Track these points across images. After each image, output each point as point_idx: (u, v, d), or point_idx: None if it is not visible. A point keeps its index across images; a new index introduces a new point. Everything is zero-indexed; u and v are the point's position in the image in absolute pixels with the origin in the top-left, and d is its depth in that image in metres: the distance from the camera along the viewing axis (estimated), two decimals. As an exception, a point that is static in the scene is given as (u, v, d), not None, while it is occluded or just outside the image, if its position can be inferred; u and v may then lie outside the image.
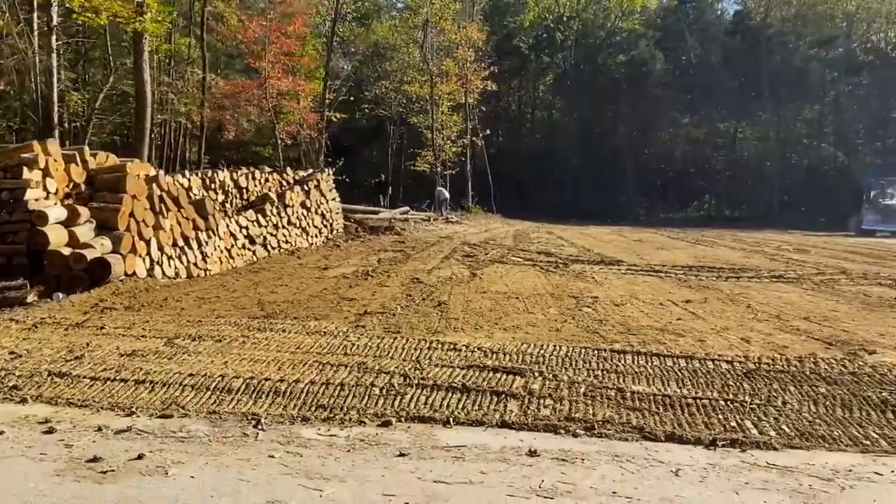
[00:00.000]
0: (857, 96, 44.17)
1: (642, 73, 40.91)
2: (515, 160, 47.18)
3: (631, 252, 15.05)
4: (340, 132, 43.35)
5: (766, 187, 42.66)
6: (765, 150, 43.26)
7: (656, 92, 41.58)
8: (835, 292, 8.97)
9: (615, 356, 4.96)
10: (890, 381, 4.47)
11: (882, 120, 44.01)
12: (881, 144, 44.62)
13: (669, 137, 44.55)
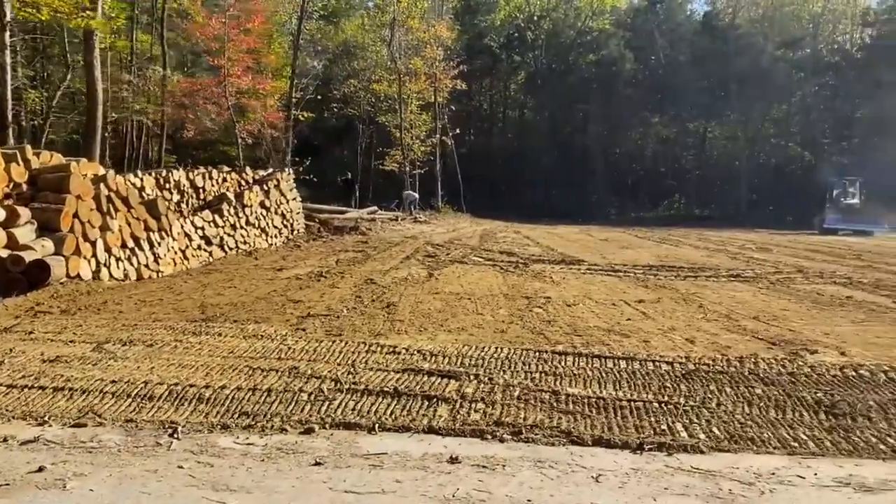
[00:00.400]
0: (823, 96, 44.85)
1: (612, 73, 41.14)
2: (487, 159, 47.22)
3: (595, 251, 15.07)
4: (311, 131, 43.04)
5: (734, 186, 43.17)
6: (733, 150, 43.79)
7: (626, 91, 41.84)
8: (788, 291, 9.02)
9: (556, 358, 4.90)
10: (826, 382, 4.46)
11: (847, 120, 44.76)
12: (846, 144, 45.40)
13: (639, 137, 44.87)
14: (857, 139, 44.58)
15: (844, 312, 7.32)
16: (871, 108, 44.06)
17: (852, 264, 13.44)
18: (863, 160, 41.86)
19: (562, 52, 43.49)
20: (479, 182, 47.30)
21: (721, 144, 45.70)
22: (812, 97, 44.13)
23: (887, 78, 42.62)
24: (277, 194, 13.27)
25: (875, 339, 5.85)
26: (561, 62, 44.12)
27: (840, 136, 45.65)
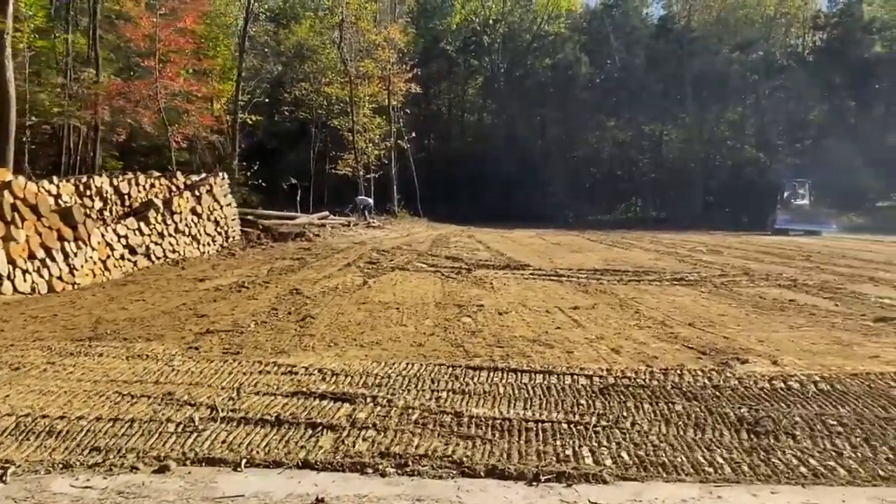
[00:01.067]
0: (777, 98, 45.52)
1: (568, 77, 41.18)
2: (447, 163, 46.94)
3: (544, 255, 14.79)
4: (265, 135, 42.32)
5: (690, 189, 43.51)
6: (689, 152, 44.16)
7: (583, 95, 41.92)
8: (731, 295, 8.80)
9: (469, 374, 4.53)
10: (752, 395, 4.16)
11: (800, 122, 45.55)
12: (800, 146, 46.17)
13: (596, 140, 45.00)
14: (809, 140, 45.38)
15: (784, 317, 7.09)
16: (823, 109, 44.94)
17: (800, 266, 13.37)
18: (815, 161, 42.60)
19: (518, 56, 43.41)
20: (438, 186, 46.97)
21: (677, 147, 46.06)
22: (766, 99, 44.77)
23: (837, 80, 43.53)
24: (210, 200, 12.70)
25: (810, 345, 5.60)
26: (517, 66, 44.04)
27: (794, 138, 46.42)
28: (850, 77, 42.49)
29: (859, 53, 42.84)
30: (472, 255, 14.49)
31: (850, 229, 35.34)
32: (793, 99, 44.76)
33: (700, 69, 41.40)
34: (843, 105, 43.47)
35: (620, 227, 36.61)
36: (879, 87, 42.75)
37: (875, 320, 6.84)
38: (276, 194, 36.65)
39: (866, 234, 30.81)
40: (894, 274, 11.91)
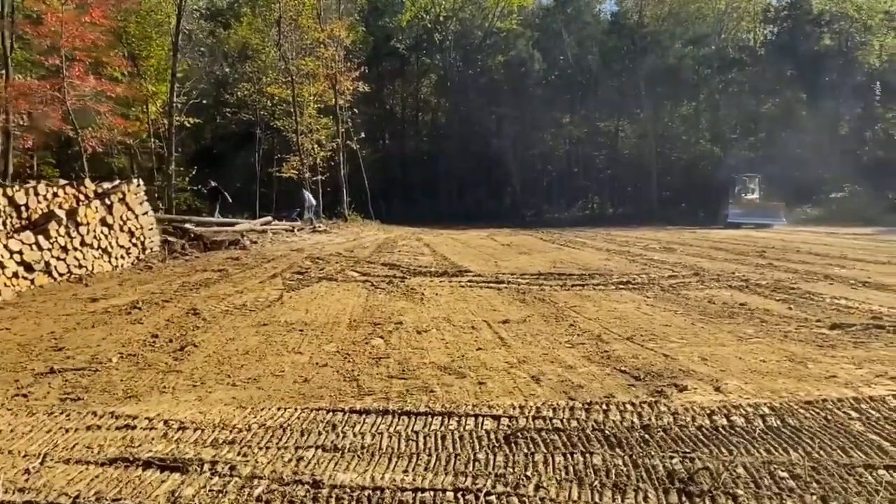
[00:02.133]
0: (730, 93, 45.58)
1: (522, 74, 40.61)
2: (402, 164, 46.11)
3: (490, 259, 14.05)
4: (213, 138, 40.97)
5: (647, 184, 43.34)
6: (644, 148, 43.98)
7: (537, 92, 41.39)
8: (678, 300, 8.14)
9: (350, 420, 3.72)
10: (688, 438, 3.43)
11: (753, 115, 45.68)
12: (753, 139, 46.34)
13: (552, 137, 44.53)
14: (763, 133, 45.55)
15: (732, 326, 6.42)
16: (775, 103, 45.16)
17: (754, 263, 12.85)
18: (769, 154, 42.82)
19: (471, 54, 42.71)
20: (394, 187, 46.09)
21: (632, 143, 45.86)
22: (719, 93, 44.80)
23: (788, 73, 43.78)
24: (123, 209, 11.65)
25: (760, 363, 4.91)
26: (470, 63, 43.34)
27: (747, 132, 46.60)
28: (800, 70, 42.77)
29: (809, 46, 43.14)
30: (413, 260, 13.68)
31: (804, 221, 35.53)
32: (745, 93, 44.90)
33: (653, 64, 41.21)
34: (794, 98, 43.74)
35: (577, 224, 36.24)
36: (829, 79, 43.12)
37: (831, 327, 6.21)
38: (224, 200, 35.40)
39: (820, 226, 30.92)
40: (849, 270, 11.46)
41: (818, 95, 43.23)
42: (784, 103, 44.20)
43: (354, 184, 34.52)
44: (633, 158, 45.40)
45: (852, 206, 39.21)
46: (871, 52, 41.84)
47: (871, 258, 13.75)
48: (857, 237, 22.37)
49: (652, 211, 40.84)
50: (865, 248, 17.12)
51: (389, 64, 43.29)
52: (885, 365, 4.75)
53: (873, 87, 43.21)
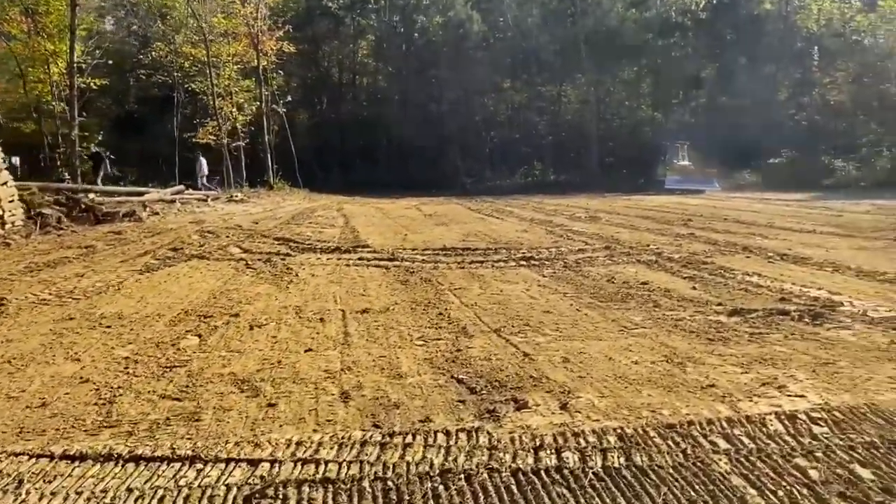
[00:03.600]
0: (672, 58, 44.99)
1: (460, 36, 39.22)
2: (340, 130, 44.46)
3: (399, 232, 13.08)
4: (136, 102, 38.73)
5: (589, 150, 42.65)
6: (586, 114, 43.22)
7: (476, 55, 40.10)
8: (576, 279, 7.32)
9: (48, 473, 2.74)
10: (492, 491, 2.55)
11: (694, 80, 45.28)
12: (694, 104, 46.07)
13: (493, 103, 43.38)
14: (703, 99, 45.28)
15: (621, 312, 5.60)
16: (716, 67, 44.83)
17: (675, 233, 12.19)
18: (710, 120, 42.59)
19: (407, 14, 41.05)
20: (331, 154, 44.50)
21: (574, 108, 45.02)
22: (661, 58, 44.19)
23: (728, 37, 43.42)
24: (-28, 180, 10.31)
25: (630, 366, 4.06)
26: (408, 25, 41.70)
27: (688, 97, 46.27)
28: (740, 34, 42.42)
29: (749, 10, 42.78)
30: (316, 233, 12.62)
31: (742, 187, 35.42)
32: (687, 57, 44.44)
33: (594, 27, 40.28)
34: (734, 62, 43.46)
35: (518, 192, 35.36)
36: (769, 44, 42.86)
37: (730, 313, 5.44)
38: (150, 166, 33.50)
39: (756, 192, 30.75)
40: (772, 240, 10.86)
41: (758, 60, 43.03)
42: (724, 68, 43.91)
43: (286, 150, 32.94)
44: (576, 124, 44.63)
45: (790, 172, 39.26)
46: (809, 16, 41.69)
47: (798, 227, 13.25)
48: (789, 203, 22.11)
49: (594, 177, 40.20)
50: (795, 214, 16.70)
51: (325, 24, 41.38)
52: (778, 367, 3.95)
53: (811, 51, 43.21)
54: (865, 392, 3.49)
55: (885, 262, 8.29)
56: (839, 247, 9.90)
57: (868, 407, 3.27)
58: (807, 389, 3.55)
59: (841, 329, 4.86)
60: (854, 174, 39.20)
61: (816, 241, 10.63)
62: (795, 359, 4.10)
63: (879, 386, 3.59)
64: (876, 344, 4.43)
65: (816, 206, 19.88)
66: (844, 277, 7.26)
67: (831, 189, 33.16)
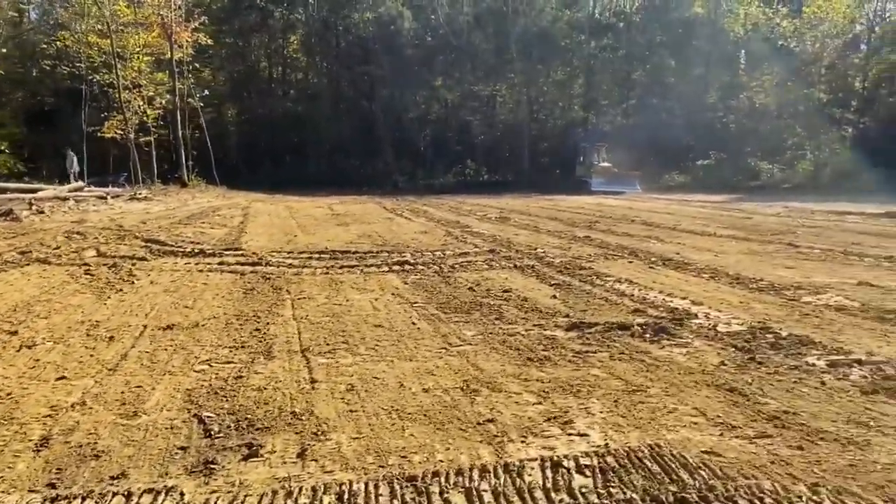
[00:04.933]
0: (603, 58, 45.24)
1: (392, 32, 38.49)
2: (270, 126, 43.25)
3: (290, 233, 12.40)
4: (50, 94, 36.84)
5: (522, 150, 42.50)
6: (519, 114, 43.05)
7: (408, 52, 39.42)
8: (438, 286, 6.84)
9: None
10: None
11: (625, 81, 45.66)
12: (626, 105, 46.41)
13: (425, 101, 42.80)
14: (634, 101, 45.67)
15: (459, 325, 5.12)
16: (646, 69, 45.26)
17: (574, 235, 11.86)
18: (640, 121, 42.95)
19: (337, 8, 40.09)
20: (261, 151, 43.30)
21: (508, 108, 44.83)
22: (592, 58, 44.38)
23: (658, 39, 43.87)
24: None
25: (416, 395, 3.54)
26: (338, 20, 40.75)
27: (619, 98, 46.61)
28: (671, 37, 42.89)
29: (680, 13, 43.30)
30: (198, 235, 11.84)
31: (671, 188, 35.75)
32: (618, 59, 44.76)
33: (525, 27, 40.09)
34: (664, 64, 43.96)
35: (449, 191, 34.95)
36: (698, 47, 43.47)
37: (569, 327, 4.99)
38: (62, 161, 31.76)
39: (682, 193, 30.94)
40: (666, 244, 10.58)
41: (688, 63, 43.62)
42: (655, 70, 44.38)
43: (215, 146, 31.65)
44: (510, 124, 44.45)
45: (718, 174, 39.95)
46: (736, 20, 42.42)
47: (701, 229, 13.06)
48: (706, 205, 22.16)
49: (525, 178, 40.10)
50: (706, 217, 16.63)
51: (250, 18, 40.05)
52: (579, 396, 3.48)
53: (738, 55, 44.00)
54: (658, 429, 3.04)
55: (768, 267, 8.05)
56: (730, 251, 9.67)
57: (651, 449, 2.81)
58: (594, 426, 3.08)
59: (676, 347, 4.45)
60: (779, 176, 40.10)
61: (710, 245, 10.39)
62: (604, 385, 3.64)
63: (678, 421, 3.14)
64: (703, 366, 4.01)
65: (731, 209, 19.92)
66: (718, 285, 6.94)
67: (755, 191, 33.74)
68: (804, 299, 6.13)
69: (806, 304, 5.93)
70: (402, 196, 28.29)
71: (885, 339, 4.65)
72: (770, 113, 41.68)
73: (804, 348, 4.41)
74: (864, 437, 2.95)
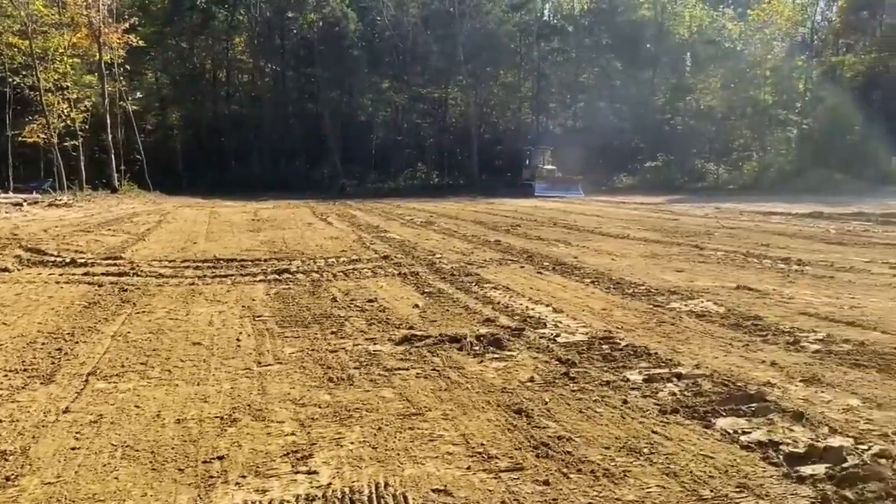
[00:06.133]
0: (552, 61, 45.26)
1: (337, 34, 37.94)
2: (215, 130, 42.37)
3: (194, 239, 11.92)
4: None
5: (472, 153, 42.25)
6: (469, 117, 42.77)
7: (354, 54, 38.91)
8: (302, 295, 6.49)
9: None
10: None
11: (573, 84, 45.68)
12: (574, 108, 46.47)
13: (373, 104, 42.34)
14: (582, 103, 45.77)
15: (292, 339, 4.80)
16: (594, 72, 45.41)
17: (487, 239, 11.60)
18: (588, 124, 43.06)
19: (281, 10, 39.38)
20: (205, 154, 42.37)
21: (459, 111, 44.60)
22: (541, 62, 44.37)
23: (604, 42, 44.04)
24: None
25: (107, 443, 3.14)
26: (282, 21, 40.03)
27: (567, 101, 46.69)
28: (619, 40, 43.04)
29: (627, 16, 43.52)
30: (93, 243, 11.27)
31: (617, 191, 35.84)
32: (567, 62, 44.82)
33: (473, 30, 39.89)
34: (612, 67, 44.18)
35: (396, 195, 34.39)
36: (646, 50, 43.75)
37: (400, 341, 4.67)
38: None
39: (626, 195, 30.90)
40: (571, 247, 10.38)
41: (636, 65, 43.87)
42: (603, 73, 44.57)
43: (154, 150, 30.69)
44: (460, 127, 44.21)
45: (665, 175, 40.26)
46: (681, 22, 42.80)
47: (619, 232, 12.90)
48: (639, 207, 22.10)
49: (475, 181, 39.91)
50: (634, 219, 16.52)
51: (192, 19, 39.11)
52: (346, 423, 3.13)
53: (684, 57, 44.39)
54: (402, 463, 2.71)
55: (658, 271, 7.83)
56: (631, 254, 9.46)
57: (375, 489, 2.48)
58: (332, 461, 2.75)
59: (498, 361, 4.16)
60: (725, 177, 40.53)
61: (616, 248, 10.19)
62: (384, 409, 3.30)
63: (433, 451, 2.82)
64: (508, 382, 3.73)
65: (664, 210, 19.88)
66: (594, 291, 6.69)
67: (699, 192, 33.94)
68: (671, 305, 5.89)
69: (670, 310, 5.69)
70: (347, 200, 27.73)
71: (726, 350, 4.41)
72: (716, 115, 42.10)
73: (634, 360, 4.14)
74: (628, 467, 2.65)
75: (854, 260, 8.62)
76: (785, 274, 7.54)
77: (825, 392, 3.53)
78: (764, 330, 4.90)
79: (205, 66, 43.33)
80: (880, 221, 14.49)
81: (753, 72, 41.16)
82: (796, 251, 9.58)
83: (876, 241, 10.81)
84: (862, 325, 5.00)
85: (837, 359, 4.12)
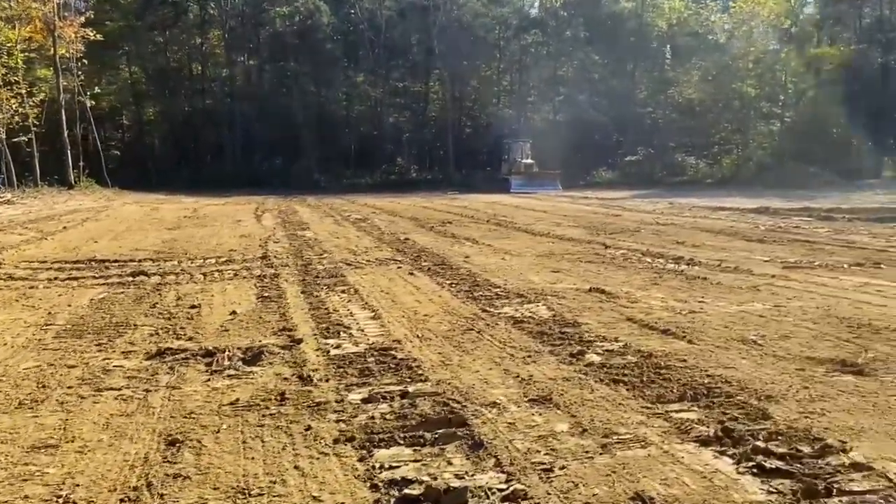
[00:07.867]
0: (530, 55, 44.68)
1: (309, 27, 37.44)
2: (189, 125, 41.90)
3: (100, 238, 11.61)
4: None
5: (448, 148, 41.77)
6: (446, 111, 42.25)
7: (327, 47, 38.42)
8: (126, 300, 6.13)
9: None
10: None
11: (552, 77, 45.03)
12: (553, 102, 45.79)
13: (347, 98, 41.88)
14: (562, 97, 45.16)
15: (63, 353, 4.37)
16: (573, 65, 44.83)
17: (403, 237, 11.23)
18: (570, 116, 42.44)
19: (253, 3, 38.92)
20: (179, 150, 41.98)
21: (438, 106, 44.09)
22: (519, 55, 43.85)
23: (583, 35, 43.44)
24: None
25: None
26: (255, 14, 39.54)
27: (549, 94, 46.07)
28: (599, 32, 42.48)
29: (608, 8, 42.98)
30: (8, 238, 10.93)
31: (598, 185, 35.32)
32: (546, 55, 44.27)
33: (448, 22, 39.33)
34: (592, 60, 43.66)
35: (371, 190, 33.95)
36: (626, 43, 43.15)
37: (152, 355, 4.29)
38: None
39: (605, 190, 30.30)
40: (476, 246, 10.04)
41: (616, 58, 43.35)
42: (582, 66, 44.04)
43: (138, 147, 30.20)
44: (437, 121, 43.71)
45: (646, 169, 39.72)
46: (660, 14, 42.25)
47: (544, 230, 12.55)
48: (605, 201, 21.71)
49: (452, 176, 39.36)
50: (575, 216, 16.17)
51: (164, 13, 38.60)
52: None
53: (664, 50, 43.88)
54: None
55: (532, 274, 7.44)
56: (528, 253, 9.09)
57: None
58: None
59: (231, 379, 3.80)
60: (704, 171, 40.00)
61: (519, 247, 9.85)
62: (13, 441, 2.94)
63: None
64: (178, 409, 3.34)
65: (614, 206, 19.37)
66: (440, 294, 6.35)
67: (676, 186, 33.37)
68: (502, 310, 5.53)
69: (494, 316, 5.33)
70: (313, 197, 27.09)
71: (499, 361, 4.05)
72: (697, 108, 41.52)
73: (387, 375, 3.83)
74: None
75: (752, 259, 8.23)
76: (660, 275, 7.16)
77: (541, 415, 3.15)
78: (565, 339, 4.53)
79: (180, 61, 42.85)
80: (821, 217, 14.10)
81: (737, 64, 40.48)
82: (703, 249, 9.21)
83: (795, 239, 10.43)
84: (674, 335, 4.62)
85: (602, 373, 3.76)
